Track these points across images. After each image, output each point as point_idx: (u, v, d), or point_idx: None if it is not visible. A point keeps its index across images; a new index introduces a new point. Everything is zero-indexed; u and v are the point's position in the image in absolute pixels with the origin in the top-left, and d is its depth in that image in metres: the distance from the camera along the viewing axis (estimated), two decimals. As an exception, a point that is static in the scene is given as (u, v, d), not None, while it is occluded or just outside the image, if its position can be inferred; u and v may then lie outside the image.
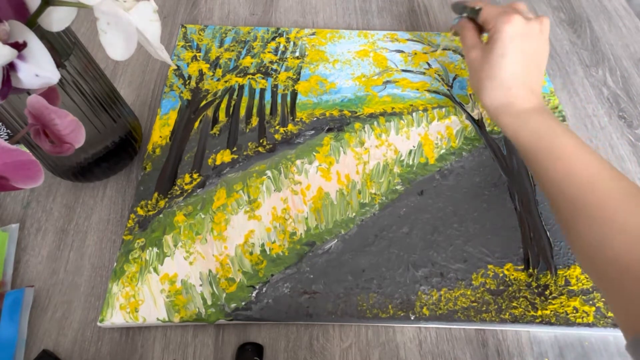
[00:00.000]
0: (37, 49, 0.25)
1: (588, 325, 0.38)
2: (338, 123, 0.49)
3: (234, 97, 0.51)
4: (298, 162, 0.46)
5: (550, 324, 0.38)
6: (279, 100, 0.51)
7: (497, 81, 0.41)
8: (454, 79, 0.54)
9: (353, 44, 0.57)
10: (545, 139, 0.37)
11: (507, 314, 0.38)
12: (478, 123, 0.50)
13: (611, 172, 0.34)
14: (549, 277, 0.40)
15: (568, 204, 0.34)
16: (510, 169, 0.47)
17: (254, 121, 0.49)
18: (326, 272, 0.40)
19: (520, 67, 0.40)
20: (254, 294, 0.39)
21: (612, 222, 0.31)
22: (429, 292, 0.39)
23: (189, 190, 0.44)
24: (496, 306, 0.39)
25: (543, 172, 0.36)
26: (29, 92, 0.29)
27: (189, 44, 0.56)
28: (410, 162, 0.47)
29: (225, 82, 0.53)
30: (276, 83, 0.53)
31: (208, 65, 0.54)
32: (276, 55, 0.55)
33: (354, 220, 0.43)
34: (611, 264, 0.30)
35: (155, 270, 0.39)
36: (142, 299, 0.38)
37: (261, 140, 0.48)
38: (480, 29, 0.45)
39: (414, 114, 0.51)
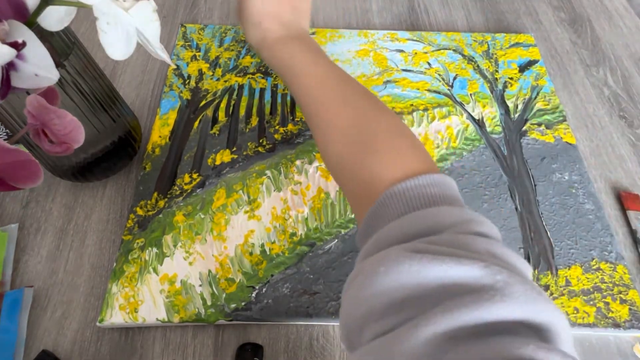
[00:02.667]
0: (36, 48, 0.25)
1: (589, 325, 0.38)
2: (338, 123, 0.49)
3: (234, 96, 0.51)
4: (298, 162, 0.46)
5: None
6: (279, 100, 0.51)
7: (249, 20, 0.43)
8: (454, 78, 0.54)
9: (353, 44, 0.57)
10: (289, 64, 0.39)
11: (508, 314, 0.38)
12: (479, 123, 0.50)
13: (335, 80, 0.37)
14: (549, 277, 0.40)
15: (307, 116, 0.37)
16: (511, 169, 0.47)
17: (254, 121, 0.49)
18: (326, 272, 0.40)
19: (268, 3, 0.42)
20: (253, 294, 0.39)
21: (329, 125, 0.34)
22: (429, 293, 0.39)
23: (189, 190, 0.44)
24: (496, 306, 0.39)
25: (293, 94, 0.39)
26: (28, 91, 0.29)
27: (189, 43, 0.56)
28: (411, 162, 0.47)
29: (225, 81, 0.52)
30: (276, 83, 0.53)
31: (208, 65, 0.54)
32: (276, 54, 0.55)
33: (354, 220, 0.43)
34: (333, 164, 0.33)
35: (154, 270, 0.39)
36: (142, 299, 0.38)
37: (261, 140, 0.48)
38: None
39: (414, 113, 0.50)
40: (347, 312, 0.24)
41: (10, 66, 0.24)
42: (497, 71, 0.55)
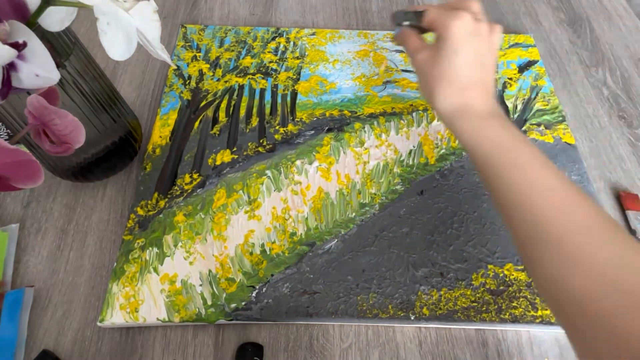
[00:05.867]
0: (37, 48, 0.25)
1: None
2: (338, 123, 0.49)
3: (234, 97, 0.51)
4: (298, 162, 0.46)
5: (550, 324, 0.38)
6: (279, 100, 0.51)
7: (451, 81, 0.36)
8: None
9: (353, 44, 0.57)
10: (507, 147, 0.34)
11: (507, 314, 0.38)
12: (478, 123, 0.50)
13: (576, 196, 0.31)
14: (549, 277, 0.40)
15: (526, 226, 0.31)
16: (510, 169, 0.47)
17: (254, 121, 0.49)
18: (326, 272, 0.40)
19: (475, 66, 0.37)
20: (254, 294, 0.39)
21: (573, 255, 0.28)
22: (429, 292, 0.39)
23: (189, 190, 0.44)
24: (496, 306, 0.39)
25: (498, 185, 0.33)
26: (29, 92, 0.29)
27: (189, 44, 0.56)
28: (410, 162, 0.47)
29: (225, 82, 0.53)
30: (276, 83, 0.53)
31: (208, 65, 0.54)
32: (276, 55, 0.55)
33: (354, 220, 0.43)
34: (573, 302, 0.28)
35: (155, 270, 0.39)
36: (142, 299, 0.38)
37: (261, 140, 0.48)
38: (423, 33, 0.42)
39: (414, 113, 0.51)
40: None
41: (11, 66, 0.24)
42: (496, 71, 0.55)
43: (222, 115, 0.50)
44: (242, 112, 0.50)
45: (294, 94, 0.52)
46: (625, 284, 0.26)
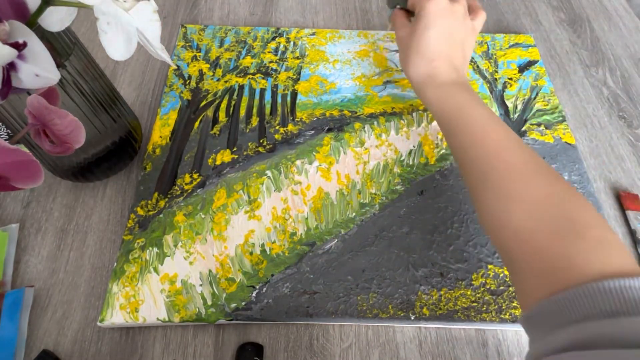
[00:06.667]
0: (37, 49, 0.25)
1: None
2: (338, 123, 0.49)
3: (234, 97, 0.51)
4: (298, 162, 0.46)
5: (550, 324, 0.38)
6: (279, 100, 0.51)
7: (421, 53, 0.42)
8: (454, 79, 0.54)
9: (353, 44, 0.57)
10: (463, 111, 0.38)
11: (507, 314, 0.38)
12: (478, 123, 0.50)
13: (516, 144, 0.35)
14: (549, 277, 0.40)
15: (477, 174, 0.35)
16: (510, 169, 0.47)
17: (254, 121, 0.49)
18: (326, 272, 0.40)
19: (443, 41, 0.42)
20: (254, 294, 0.39)
21: (513, 193, 0.32)
22: (429, 292, 0.39)
23: (189, 190, 0.44)
24: (496, 306, 0.39)
25: (457, 142, 0.38)
26: (29, 92, 0.29)
27: (189, 44, 0.56)
28: (411, 162, 0.47)
29: (225, 82, 0.53)
30: (276, 83, 0.53)
31: (208, 65, 0.54)
32: (276, 55, 0.55)
33: (354, 220, 0.43)
34: (512, 235, 0.31)
35: (155, 270, 0.39)
36: (142, 299, 0.38)
37: (261, 140, 0.48)
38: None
39: (414, 113, 0.51)
40: None
41: (11, 66, 0.24)
42: (496, 71, 0.55)
43: (222, 115, 0.50)
44: (242, 112, 0.50)
45: (294, 94, 0.52)
46: (558, 218, 0.29)
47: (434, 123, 0.50)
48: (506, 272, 0.40)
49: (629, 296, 0.24)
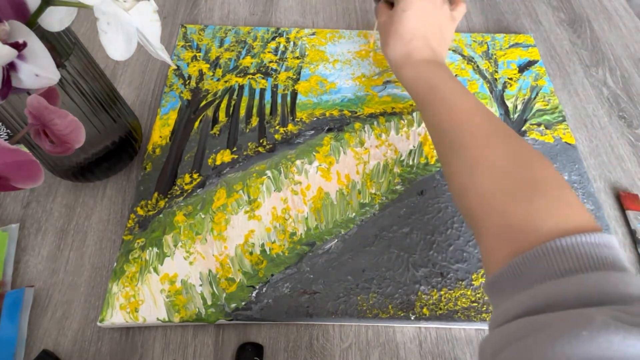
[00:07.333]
0: (37, 49, 0.25)
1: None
2: (338, 123, 0.49)
3: (234, 97, 0.51)
4: (298, 162, 0.46)
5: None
6: (279, 100, 0.51)
7: (399, 34, 0.44)
8: (454, 79, 0.54)
9: (353, 44, 0.57)
10: (436, 86, 0.40)
11: (507, 314, 0.38)
12: (478, 123, 0.50)
13: (484, 113, 0.36)
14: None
15: (446, 143, 0.36)
16: (510, 169, 0.47)
17: (254, 121, 0.49)
18: (326, 272, 0.40)
19: (420, 22, 0.44)
20: (254, 294, 0.39)
21: (479, 158, 0.33)
22: (429, 292, 0.39)
23: (189, 190, 0.44)
24: (496, 306, 0.39)
25: (429, 117, 0.39)
26: (29, 92, 0.29)
27: (189, 43, 0.56)
28: (411, 162, 0.47)
29: (225, 82, 0.53)
30: (276, 83, 0.53)
31: (208, 65, 0.54)
32: (276, 55, 0.55)
33: (354, 220, 0.43)
34: (476, 198, 0.31)
35: (155, 270, 0.39)
36: (142, 299, 0.38)
37: (261, 140, 0.48)
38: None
39: (414, 113, 0.51)
40: None
41: (11, 66, 0.24)
42: (496, 71, 0.55)
43: (222, 115, 0.50)
44: (242, 112, 0.50)
45: (294, 94, 0.52)
46: (520, 179, 0.30)
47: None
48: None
49: (583, 252, 0.23)
